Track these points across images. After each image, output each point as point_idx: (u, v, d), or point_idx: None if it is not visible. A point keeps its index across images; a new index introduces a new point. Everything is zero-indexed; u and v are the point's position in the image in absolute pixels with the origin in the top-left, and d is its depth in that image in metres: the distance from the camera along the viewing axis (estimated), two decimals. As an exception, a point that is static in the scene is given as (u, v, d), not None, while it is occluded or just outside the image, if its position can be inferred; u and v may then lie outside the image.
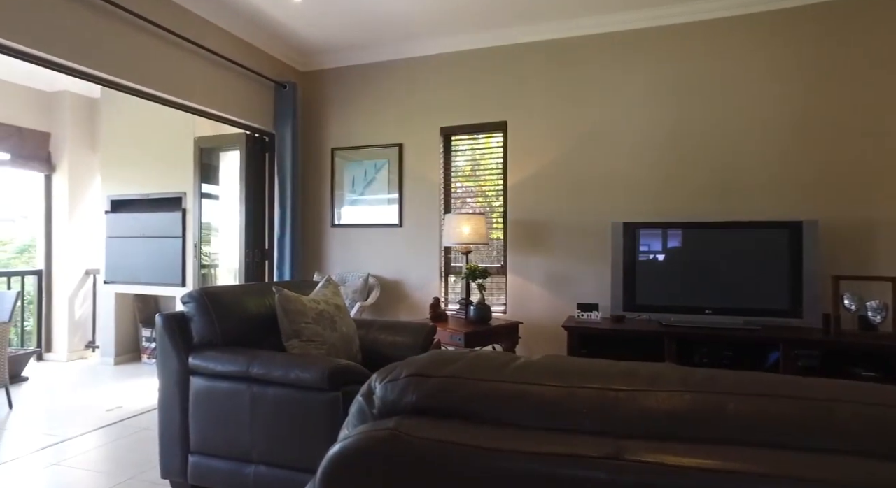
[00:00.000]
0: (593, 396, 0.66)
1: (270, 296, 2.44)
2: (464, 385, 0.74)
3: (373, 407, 0.79)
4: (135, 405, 3.57)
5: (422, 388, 0.75)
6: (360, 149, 4.36)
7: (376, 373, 0.83)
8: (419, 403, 0.74)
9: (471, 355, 0.81)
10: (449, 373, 0.76)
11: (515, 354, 0.84)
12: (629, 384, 0.68)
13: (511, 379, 0.73)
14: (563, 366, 0.75)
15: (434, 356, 0.82)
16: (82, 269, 5.08)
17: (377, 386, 0.80)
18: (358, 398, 0.82)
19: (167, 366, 2.13)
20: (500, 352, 0.88)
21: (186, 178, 4.46)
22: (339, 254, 4.43)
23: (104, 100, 4.87)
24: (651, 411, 0.63)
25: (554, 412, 0.67)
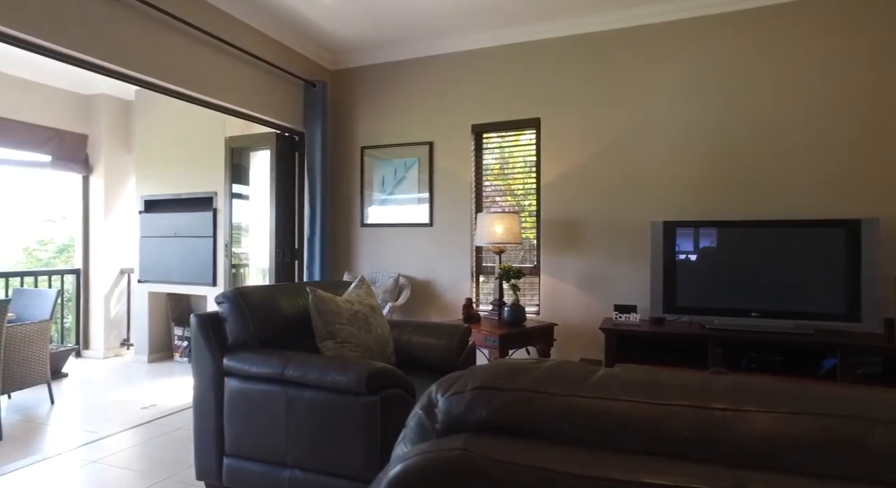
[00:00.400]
0: (694, 416, 0.58)
1: (304, 297, 2.40)
2: (539, 399, 0.66)
3: (435, 422, 0.72)
4: (168, 403, 3.59)
5: (492, 403, 0.67)
6: (389, 148, 4.31)
7: (436, 385, 0.76)
8: (490, 419, 0.67)
9: (543, 366, 0.73)
10: (521, 386, 0.68)
11: (591, 365, 0.75)
12: (735, 401, 0.59)
13: (594, 393, 0.65)
14: (652, 379, 0.66)
15: (502, 366, 0.74)
16: (117, 269, 5.17)
17: (439, 398, 0.72)
18: (417, 411, 0.75)
19: (202, 367, 2.11)
20: (574, 362, 0.78)
21: (217, 179, 4.48)
22: (368, 253, 4.39)
23: (138, 102, 4.94)
24: (769, 436, 0.55)
25: (649, 433, 0.59)
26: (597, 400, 0.63)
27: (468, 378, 0.73)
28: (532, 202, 4.00)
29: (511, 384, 0.69)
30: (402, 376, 1.96)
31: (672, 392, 0.62)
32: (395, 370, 1.94)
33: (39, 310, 3.70)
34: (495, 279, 3.55)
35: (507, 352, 3.14)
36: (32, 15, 2.41)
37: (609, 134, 3.70)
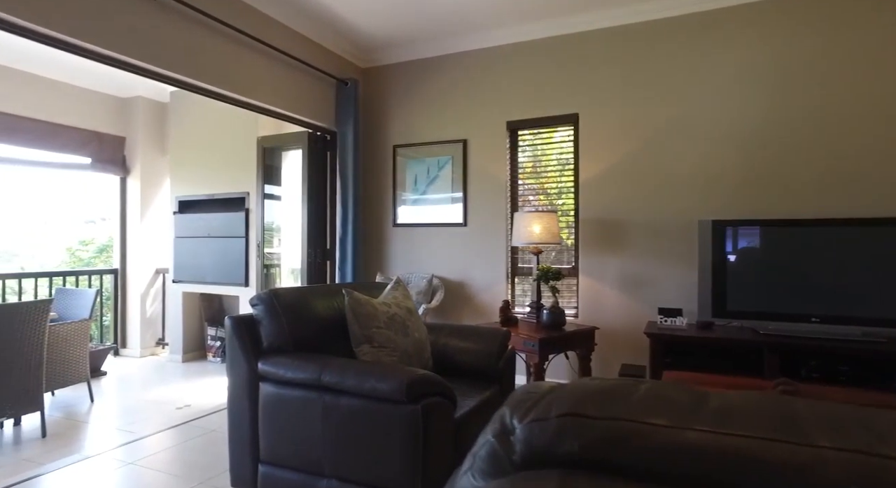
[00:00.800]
0: (861, 465, 0.46)
1: (339, 298, 2.33)
2: (644, 432, 0.55)
3: (512, 453, 0.61)
4: (202, 404, 3.58)
5: (585, 434, 0.57)
6: (422, 147, 4.23)
7: (509, 407, 0.65)
8: (583, 455, 0.56)
9: (640, 389, 0.62)
10: (618, 415, 0.57)
11: (697, 389, 0.64)
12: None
13: (713, 426, 0.53)
14: (781, 408, 0.54)
15: (590, 388, 0.63)
16: (153, 269, 5.23)
17: (516, 425, 0.62)
18: (489, 438, 0.64)
19: (236, 371, 2.05)
20: (673, 383, 0.64)
21: (249, 179, 4.48)
22: (401, 254, 4.31)
23: (173, 104, 4.99)
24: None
25: (797, 481, 0.47)
26: (718, 437, 0.52)
27: (550, 402, 0.62)
28: (566, 201, 3.87)
29: (604, 411, 0.58)
30: (443, 383, 1.86)
31: (816, 428, 0.50)
32: (436, 377, 1.84)
33: (79, 310, 3.74)
34: (533, 281, 3.43)
35: (547, 356, 3.01)
36: (74, 17, 2.41)
37: (652, 128, 3.53)
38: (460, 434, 1.96)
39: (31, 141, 4.46)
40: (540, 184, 4.00)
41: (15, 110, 4.31)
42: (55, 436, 3.02)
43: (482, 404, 2.23)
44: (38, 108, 4.46)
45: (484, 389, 2.39)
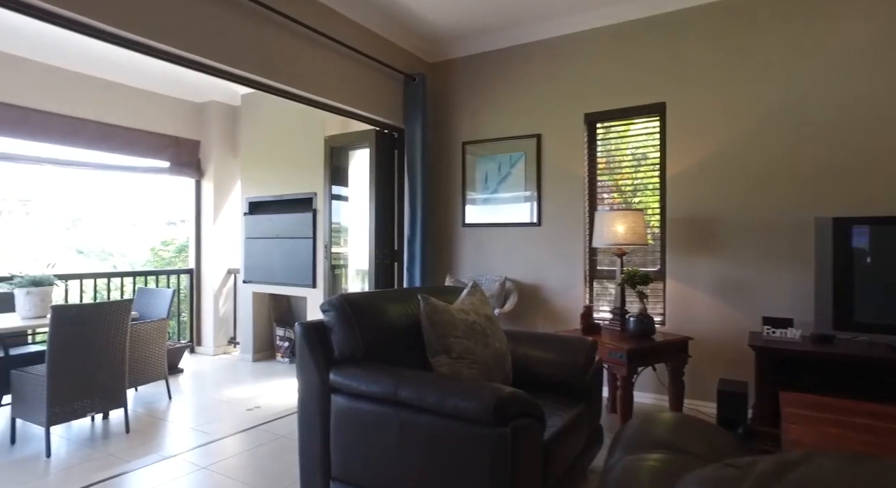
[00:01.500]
0: None
1: (413, 304, 2.17)
2: None
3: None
4: (271, 405, 3.56)
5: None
6: (493, 143, 4.02)
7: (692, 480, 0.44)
8: None
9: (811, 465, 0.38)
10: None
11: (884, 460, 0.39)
12: None
13: None
14: None
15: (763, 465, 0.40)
16: (225, 269, 5.34)
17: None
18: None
19: (306, 381, 1.94)
20: (865, 456, 0.37)
21: (317, 179, 4.45)
22: (470, 255, 4.13)
23: (244, 107, 5.06)
24: None
25: None
26: None
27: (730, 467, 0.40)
28: (644, 199, 3.54)
29: None
30: (534, 403, 1.65)
31: None
32: (525, 396, 1.64)
33: (158, 309, 3.83)
34: (616, 285, 3.14)
35: (636, 369, 2.72)
36: (153, 20, 2.40)
37: (756, 115, 3.14)
38: (548, 457, 1.75)
39: (117, 147, 4.65)
40: (614, 181, 3.70)
41: (104, 118, 4.50)
42: (137, 433, 3.08)
43: (570, 424, 2.00)
44: (122, 115, 4.64)
45: (570, 406, 2.15)
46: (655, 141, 3.51)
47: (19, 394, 2.92)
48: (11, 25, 3.46)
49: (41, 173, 21.78)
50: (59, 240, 20.87)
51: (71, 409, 2.86)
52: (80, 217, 22.70)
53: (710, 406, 3.14)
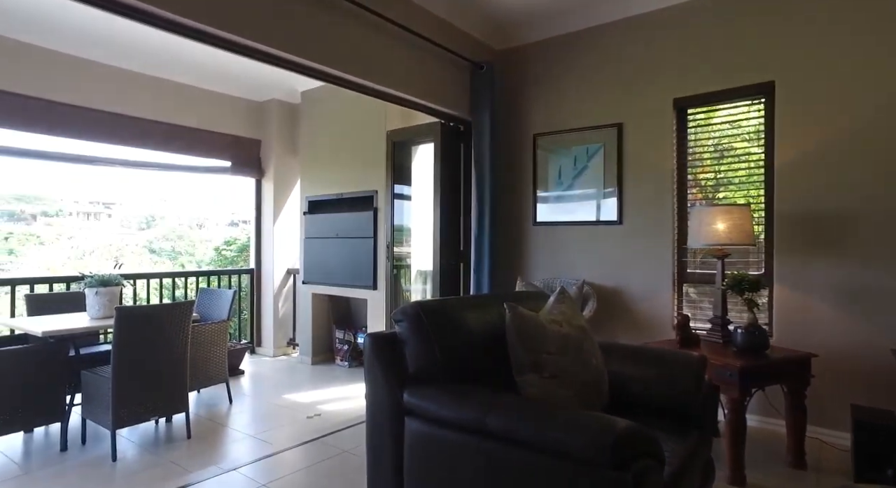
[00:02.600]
0: None
1: (494, 311, 1.89)
2: None
3: None
4: (332, 413, 3.40)
5: None
6: (567, 134, 3.69)
7: None
8: None
9: None
10: None
11: None
12: None
13: None
14: None
15: None
16: (284, 269, 5.27)
17: None
18: None
19: (377, 400, 1.70)
20: None
21: (378, 176, 4.26)
22: (542, 256, 3.81)
23: (303, 105, 4.97)
24: None
25: None
26: None
27: None
28: (742, 192, 3.11)
29: None
30: (655, 440, 1.34)
31: None
32: (646, 432, 1.32)
33: (219, 310, 3.76)
34: (717, 290, 2.74)
35: (749, 390, 2.32)
36: (206, 4, 2.26)
37: (884, 94, 2.66)
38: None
39: (181, 147, 4.65)
40: (693, 175, 3.29)
41: (169, 119, 4.51)
42: (199, 439, 2.99)
43: (688, 460, 1.66)
44: (185, 116, 4.64)
45: (680, 435, 1.81)
46: (758, 126, 3.07)
47: (88, 395, 2.89)
48: (86, 30, 3.47)
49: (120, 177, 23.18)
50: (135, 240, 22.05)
51: (134, 412, 2.78)
52: (153, 217, 23.93)
53: (836, 436, 2.69)
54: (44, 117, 3.83)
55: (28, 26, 3.48)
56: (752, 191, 3.11)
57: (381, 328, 4.21)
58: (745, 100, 3.10)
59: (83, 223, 25.28)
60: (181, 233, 23.50)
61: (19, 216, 24.35)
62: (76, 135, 4.03)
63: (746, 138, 3.12)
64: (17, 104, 3.68)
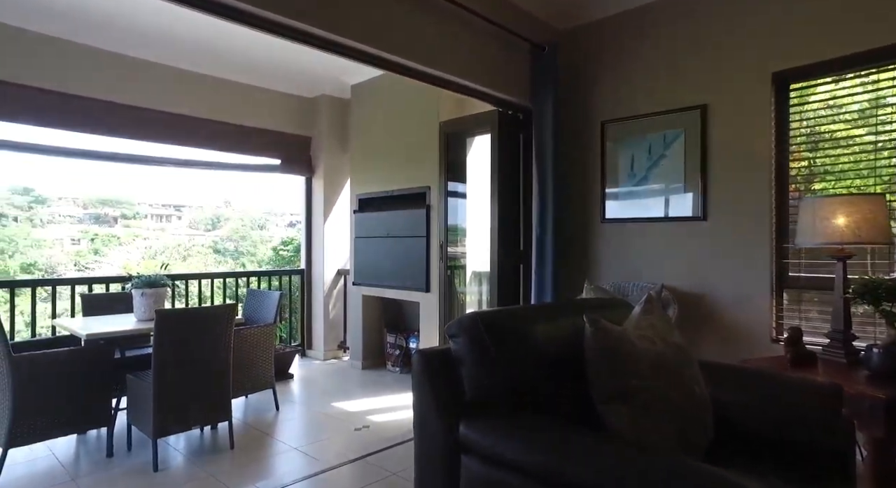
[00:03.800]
0: None
1: (565, 323, 1.56)
2: None
3: None
4: (381, 425, 3.18)
5: None
6: (641, 120, 3.27)
7: None
8: None
9: None
10: None
11: None
12: None
13: None
14: None
15: None
16: (335, 270, 5.11)
17: None
18: None
19: (427, 430, 1.41)
20: None
21: (431, 172, 4.00)
22: (612, 257, 3.41)
23: (354, 99, 4.78)
24: None
25: None
26: None
27: None
28: (831, 185, 2.60)
29: None
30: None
31: None
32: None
33: (266, 313, 3.61)
34: (838, 298, 2.26)
35: (891, 426, 1.86)
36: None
37: None
38: None
39: (231, 145, 4.58)
40: (796, 162, 2.80)
41: (218, 116, 4.45)
42: (242, 449, 2.83)
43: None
44: (235, 113, 4.56)
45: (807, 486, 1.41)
46: (884, 100, 2.55)
47: (132, 400, 2.79)
48: (137, 30, 3.42)
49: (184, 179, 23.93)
50: (203, 240, 23.00)
51: (176, 421, 2.65)
52: (218, 219, 24.96)
53: None
54: (105, 119, 3.84)
55: (75, 25, 3.47)
56: (882, 179, 2.59)
57: (434, 334, 3.95)
58: (873, 67, 2.58)
59: (156, 224, 26.75)
60: (244, 234, 24.43)
61: (103, 219, 26.10)
62: (133, 136, 4.04)
63: (873, 114, 2.61)
64: (82, 106, 3.72)
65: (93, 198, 25.79)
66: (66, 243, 21.51)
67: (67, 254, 19.36)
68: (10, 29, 3.45)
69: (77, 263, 18.44)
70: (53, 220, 23.70)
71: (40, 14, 3.32)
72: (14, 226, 21.24)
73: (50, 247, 20.05)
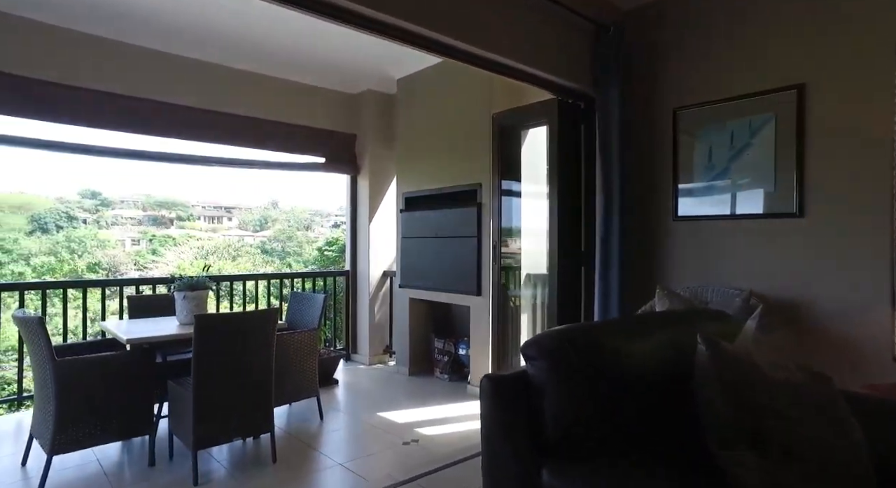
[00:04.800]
0: None
1: (662, 340, 1.27)
2: None
3: None
4: (431, 439, 2.95)
5: None
6: (720, 106, 2.90)
7: None
8: None
9: None
10: None
11: None
12: None
13: None
14: None
15: None
16: (380, 271, 4.93)
17: None
18: None
19: (498, 473, 1.15)
20: None
21: (482, 168, 3.74)
22: (685, 258, 3.05)
23: (399, 94, 4.59)
24: None
25: None
26: None
27: None
28: None
29: None
30: None
31: None
32: None
33: (310, 317, 3.45)
34: None
35: None
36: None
37: None
38: None
39: (276, 143, 4.48)
40: None
41: (263, 114, 4.34)
42: (284, 463, 2.66)
43: None
44: (279, 111, 4.44)
45: None
46: None
47: (173, 407, 2.66)
48: (177, 28, 3.34)
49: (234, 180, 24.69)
50: (252, 241, 23.58)
51: (215, 432, 2.50)
52: (265, 220, 25.56)
53: None
54: (154, 119, 3.81)
55: (115, 23, 3.41)
56: None
57: (486, 341, 3.69)
58: None
59: (208, 226, 27.57)
60: (290, 235, 24.89)
61: (160, 220, 27.14)
62: (181, 136, 4.00)
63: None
64: (132, 107, 3.72)
65: (151, 201, 27.02)
66: (128, 244, 22.62)
67: (128, 255, 20.33)
68: (61, 30, 3.44)
69: (137, 263, 19.33)
70: (117, 222, 24.99)
71: (90, 16, 3.29)
72: (83, 229, 22.51)
73: (113, 248, 21.14)
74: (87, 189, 24.60)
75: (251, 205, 28.79)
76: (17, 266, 17.71)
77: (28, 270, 16.65)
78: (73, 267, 17.66)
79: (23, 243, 19.71)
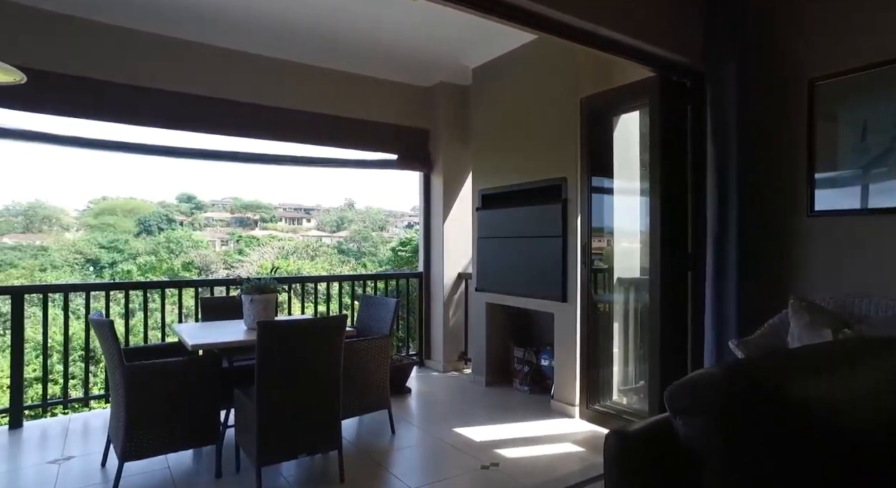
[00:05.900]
0: None
1: (868, 376, 0.86)
2: None
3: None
4: (513, 462, 2.62)
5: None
6: (879, 72, 2.34)
7: None
8: None
9: None
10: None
11: None
12: None
13: None
14: None
15: None
16: (455, 273, 4.66)
17: None
18: None
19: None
20: None
21: (567, 160, 3.35)
22: (825, 262, 2.50)
23: (475, 85, 4.28)
24: None
25: None
26: None
27: None
28: None
29: None
30: None
31: None
32: None
33: (381, 323, 3.23)
34: None
35: None
36: None
37: None
38: None
39: (348, 140, 4.34)
40: None
41: (331, 110, 4.21)
42: (352, 484, 2.43)
43: None
44: (348, 106, 4.29)
45: None
46: None
47: (239, 417, 2.53)
48: (242, 21, 3.25)
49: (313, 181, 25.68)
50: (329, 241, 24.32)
51: (280, 449, 2.32)
52: (342, 220, 26.27)
53: None
54: (225, 119, 3.79)
55: (183, 22, 3.37)
56: None
57: (573, 352, 3.30)
58: None
59: (288, 227, 28.81)
60: (365, 235, 25.36)
61: (246, 222, 28.77)
62: (259, 136, 3.97)
63: None
64: (231, 109, 3.78)
65: (238, 204, 28.64)
66: (217, 244, 24.17)
67: (218, 255, 21.70)
68: (144, 34, 3.47)
69: (225, 262, 20.55)
70: (208, 224, 26.79)
71: (166, 18, 3.29)
72: (180, 230, 24.38)
73: (205, 248, 22.69)
74: (183, 193, 26.60)
75: (328, 206, 29.84)
76: (126, 264, 19.43)
77: (134, 268, 18.15)
78: (171, 265, 19.05)
79: (132, 244, 21.65)
